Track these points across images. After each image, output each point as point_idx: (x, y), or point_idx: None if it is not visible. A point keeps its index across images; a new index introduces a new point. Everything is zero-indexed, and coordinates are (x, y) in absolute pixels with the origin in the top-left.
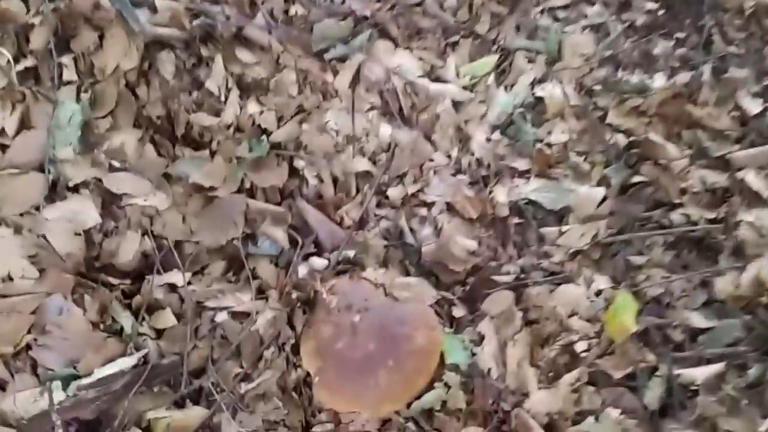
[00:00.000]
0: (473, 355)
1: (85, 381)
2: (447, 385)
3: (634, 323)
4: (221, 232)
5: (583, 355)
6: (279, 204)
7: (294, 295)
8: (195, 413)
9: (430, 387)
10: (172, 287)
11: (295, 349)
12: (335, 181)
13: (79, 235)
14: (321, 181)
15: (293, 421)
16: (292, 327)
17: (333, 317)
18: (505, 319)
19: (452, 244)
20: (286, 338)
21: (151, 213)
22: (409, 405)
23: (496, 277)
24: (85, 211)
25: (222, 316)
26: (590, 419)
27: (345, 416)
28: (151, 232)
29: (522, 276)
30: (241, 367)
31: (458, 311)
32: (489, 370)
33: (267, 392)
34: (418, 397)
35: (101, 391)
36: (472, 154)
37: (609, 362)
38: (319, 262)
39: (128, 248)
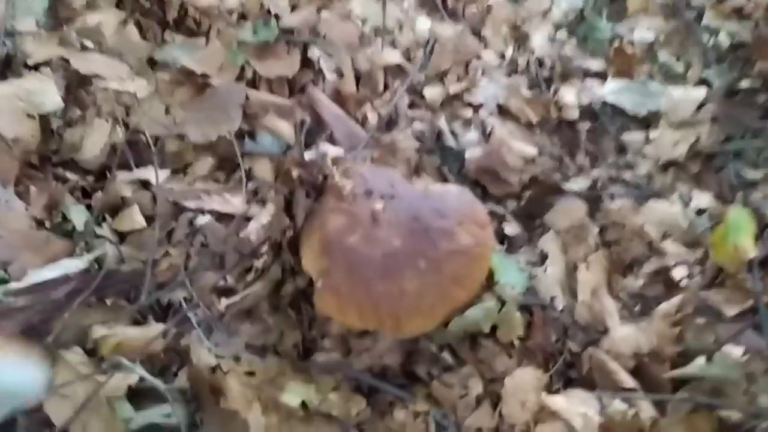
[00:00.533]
0: (531, 279)
1: (15, 285)
2: (501, 301)
3: (753, 247)
4: (212, 126)
5: (683, 284)
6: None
7: (295, 174)
8: (154, 331)
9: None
10: (145, 185)
11: (294, 249)
12: (358, 76)
13: (33, 118)
14: (340, 75)
15: (286, 345)
16: (291, 217)
17: (347, 205)
18: (576, 236)
19: (505, 151)
20: (281, 233)
21: (127, 101)
22: (446, 324)
23: (564, 186)
24: (44, 92)
25: (203, 219)
26: (699, 360)
27: (356, 342)
28: (125, 123)
29: (598, 188)
30: (224, 280)
31: (511, 228)
32: (552, 299)
33: (254, 309)
34: (459, 315)
35: (36, 299)
36: (532, 53)
37: (719, 295)
38: (332, 149)
39: (95, 141)
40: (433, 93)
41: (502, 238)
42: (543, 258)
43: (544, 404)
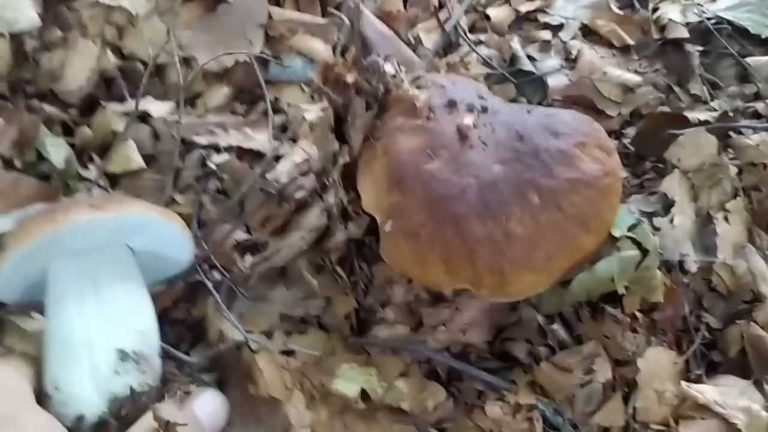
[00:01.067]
0: (654, 232)
1: None
2: (643, 249)
3: None
4: (227, 49)
5: None
6: None
7: (351, 79)
8: None
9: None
10: (143, 118)
11: (347, 183)
12: None
13: (2, 37)
14: None
15: (336, 316)
16: (343, 140)
17: (422, 121)
18: (708, 177)
19: (598, 78)
20: (329, 161)
21: (120, 21)
22: (564, 283)
23: (689, 115)
24: (16, 6)
25: (220, 158)
26: None
27: (429, 312)
28: (116, 47)
29: (721, 120)
30: (248, 231)
31: None
32: (683, 258)
33: (290, 268)
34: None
35: None
36: None
37: None
38: (389, 66)
39: (78, 67)
40: (498, 13)
41: None
42: (665, 206)
43: (688, 395)
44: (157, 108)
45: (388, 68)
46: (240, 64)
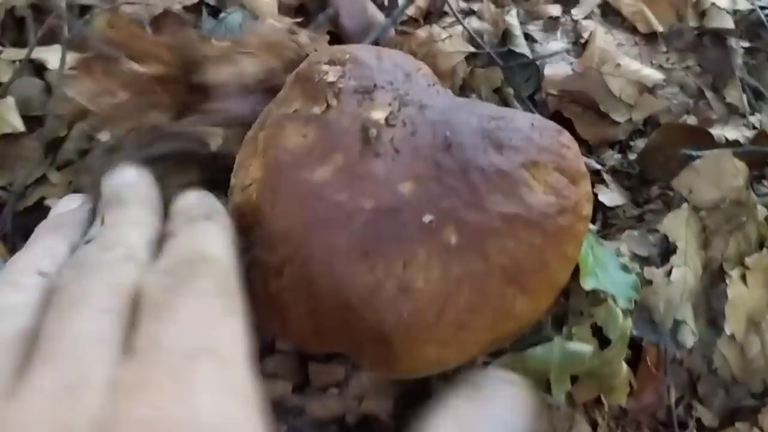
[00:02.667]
0: (641, 285)
1: None
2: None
3: None
4: None
5: None
6: None
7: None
8: None
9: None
10: (39, 70)
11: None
12: None
13: None
14: None
15: None
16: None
17: (320, 108)
18: (727, 219)
19: (610, 70)
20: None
21: None
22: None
23: (714, 132)
24: None
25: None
26: None
27: (327, 369)
28: None
29: (758, 142)
30: None
31: (611, 196)
32: (677, 327)
33: None
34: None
35: None
36: None
37: None
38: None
39: None
40: None
41: (593, 210)
42: (664, 252)
43: None
44: (57, 58)
45: (298, 37)
46: (171, 12)
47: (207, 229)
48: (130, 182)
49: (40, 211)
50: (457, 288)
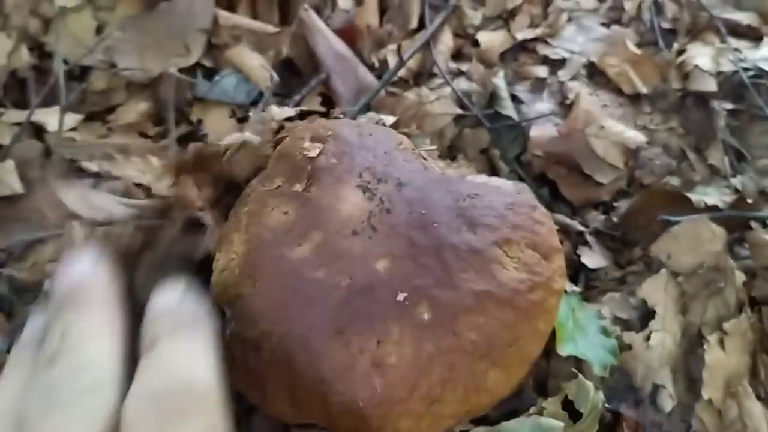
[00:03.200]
0: (620, 350)
1: None
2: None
3: None
4: (157, 56)
5: None
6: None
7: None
8: None
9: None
10: (39, 132)
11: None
12: (384, 6)
13: None
14: (359, 2)
15: None
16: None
17: (302, 186)
18: (705, 284)
19: (594, 132)
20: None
21: (47, 12)
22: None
23: (693, 197)
24: None
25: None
26: None
27: None
28: (36, 41)
29: (736, 206)
30: None
31: (593, 258)
32: (656, 392)
33: None
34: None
35: None
36: None
37: None
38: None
39: None
40: (491, 39)
41: (576, 271)
42: (644, 316)
43: None
44: (56, 121)
45: (280, 111)
46: (168, 75)
47: (191, 344)
48: (86, 276)
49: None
50: (429, 363)
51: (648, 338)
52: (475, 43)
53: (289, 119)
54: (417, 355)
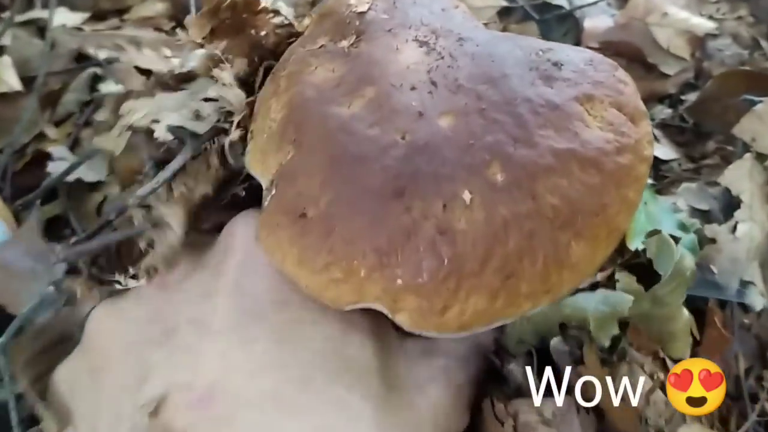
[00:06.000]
0: (701, 245)
1: None
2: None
3: None
4: None
5: None
6: None
7: None
8: None
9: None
10: (41, 31)
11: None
12: None
13: None
14: None
15: None
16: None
17: (348, 42)
18: None
19: (657, 22)
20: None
21: None
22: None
23: None
24: None
25: (116, 87)
26: None
27: None
28: None
29: None
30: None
31: (661, 149)
32: (744, 288)
33: None
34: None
35: None
36: None
37: None
38: None
39: None
40: None
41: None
42: (727, 207)
43: None
44: (63, 18)
45: None
46: None
47: None
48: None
49: (39, 168)
50: (504, 231)
51: (734, 230)
52: None
53: None
54: (490, 220)
